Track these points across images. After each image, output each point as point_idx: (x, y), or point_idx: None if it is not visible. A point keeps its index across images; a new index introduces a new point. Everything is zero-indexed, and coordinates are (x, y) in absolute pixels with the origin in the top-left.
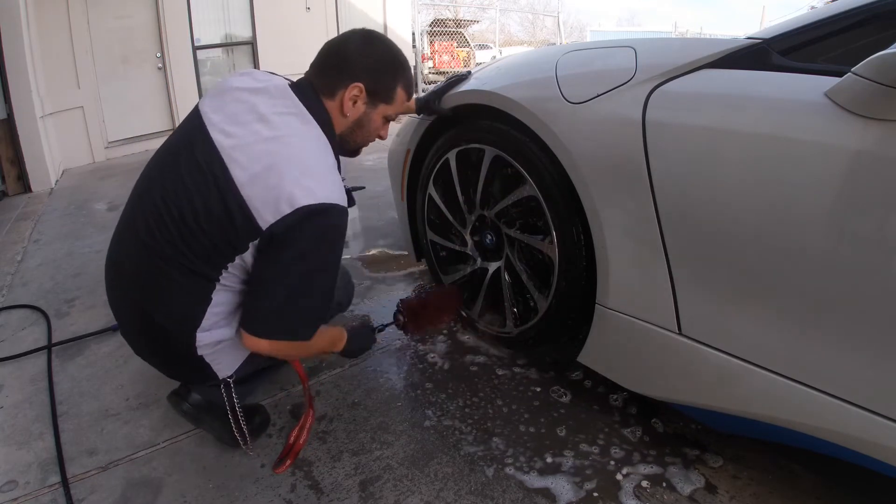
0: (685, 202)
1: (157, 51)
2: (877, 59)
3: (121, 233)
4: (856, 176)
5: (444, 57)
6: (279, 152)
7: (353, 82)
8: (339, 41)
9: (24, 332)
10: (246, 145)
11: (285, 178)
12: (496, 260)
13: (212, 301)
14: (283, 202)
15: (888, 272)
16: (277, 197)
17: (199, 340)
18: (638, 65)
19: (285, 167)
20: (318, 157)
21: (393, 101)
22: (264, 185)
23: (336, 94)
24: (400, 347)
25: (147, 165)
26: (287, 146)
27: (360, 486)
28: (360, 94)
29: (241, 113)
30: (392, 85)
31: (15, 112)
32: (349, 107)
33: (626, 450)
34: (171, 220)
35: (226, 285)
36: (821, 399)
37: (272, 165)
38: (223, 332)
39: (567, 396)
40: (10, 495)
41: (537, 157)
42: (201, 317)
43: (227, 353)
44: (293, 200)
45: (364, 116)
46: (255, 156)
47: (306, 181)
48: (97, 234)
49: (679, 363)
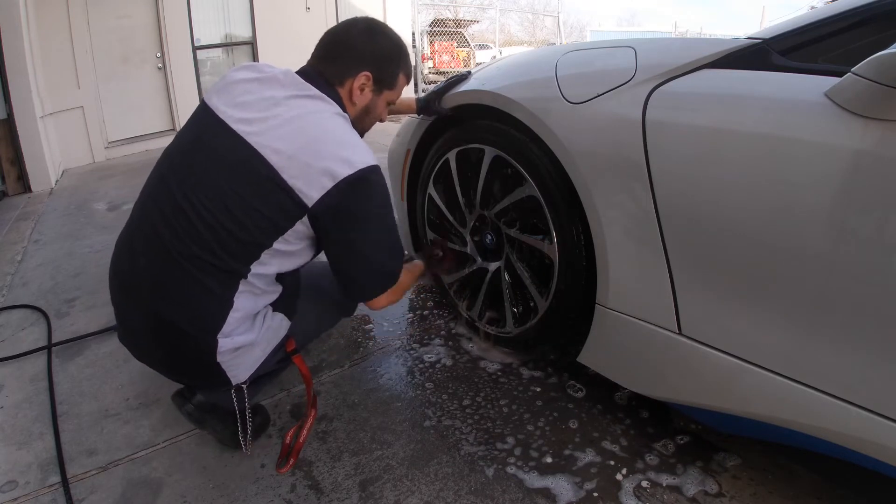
0: (685, 202)
1: (158, 51)
2: (877, 59)
3: (132, 240)
4: (856, 176)
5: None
6: (307, 130)
7: (360, 71)
8: (343, 30)
9: (24, 332)
10: (272, 129)
11: (321, 154)
12: (496, 260)
13: (234, 305)
14: (326, 177)
15: (888, 272)
16: (319, 172)
17: (221, 346)
18: (638, 65)
19: (318, 143)
20: (345, 128)
21: (395, 87)
22: (303, 164)
23: (345, 83)
24: (400, 347)
25: (155, 170)
26: (313, 123)
27: (360, 486)
28: (367, 82)
29: (255, 102)
30: (396, 72)
31: (15, 112)
32: (357, 94)
33: (627, 450)
34: (200, 219)
35: (250, 283)
36: (821, 399)
37: (305, 144)
38: (244, 338)
39: (567, 396)
40: (10, 495)
41: (537, 157)
42: (223, 321)
43: (243, 360)
44: (335, 174)
45: (370, 103)
46: (285, 137)
47: (342, 152)
48: (97, 234)
49: (679, 363)
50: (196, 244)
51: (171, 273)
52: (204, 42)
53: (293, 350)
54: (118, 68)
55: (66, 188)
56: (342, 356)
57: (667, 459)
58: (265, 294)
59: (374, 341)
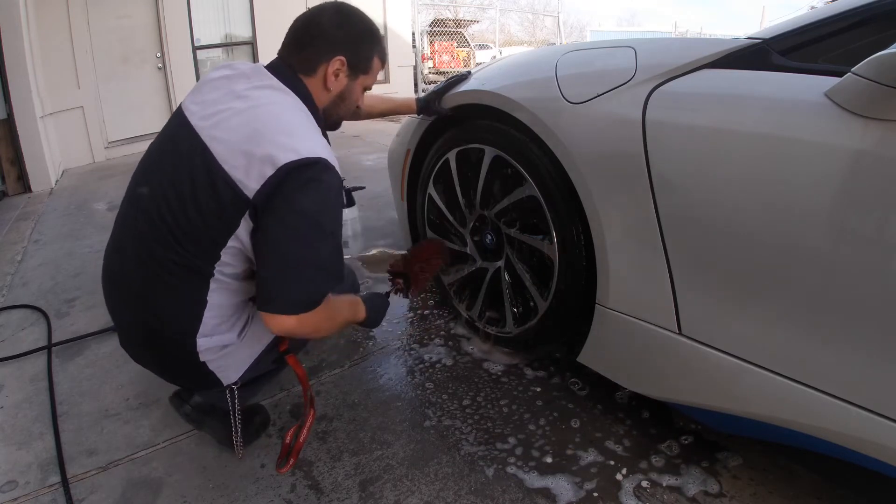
0: (685, 202)
1: (157, 51)
2: (877, 59)
3: (113, 243)
4: (856, 176)
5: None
6: (256, 119)
7: (334, 56)
8: (312, 16)
9: (24, 332)
10: (223, 121)
11: (265, 141)
12: (496, 260)
13: (207, 303)
14: (266, 165)
15: (888, 272)
16: (261, 161)
17: (200, 346)
18: (638, 65)
19: (264, 131)
20: (298, 118)
21: (370, 71)
22: (245, 154)
23: (317, 70)
24: (400, 347)
25: (134, 172)
26: (263, 113)
27: (360, 486)
28: (342, 67)
29: (219, 98)
30: (370, 55)
31: (15, 112)
32: (332, 80)
33: (627, 450)
34: (161, 218)
35: (221, 280)
36: (821, 399)
37: (250, 134)
38: (225, 337)
39: (567, 396)
40: (10, 495)
41: (537, 157)
42: (199, 321)
43: (231, 360)
44: (275, 161)
45: (346, 89)
46: (232, 128)
47: (287, 140)
48: (97, 234)
49: (679, 363)
50: (161, 245)
51: (146, 278)
52: (204, 42)
53: (286, 350)
54: (118, 68)
55: (66, 188)
56: (342, 356)
57: (667, 459)
58: (242, 290)
59: (374, 341)
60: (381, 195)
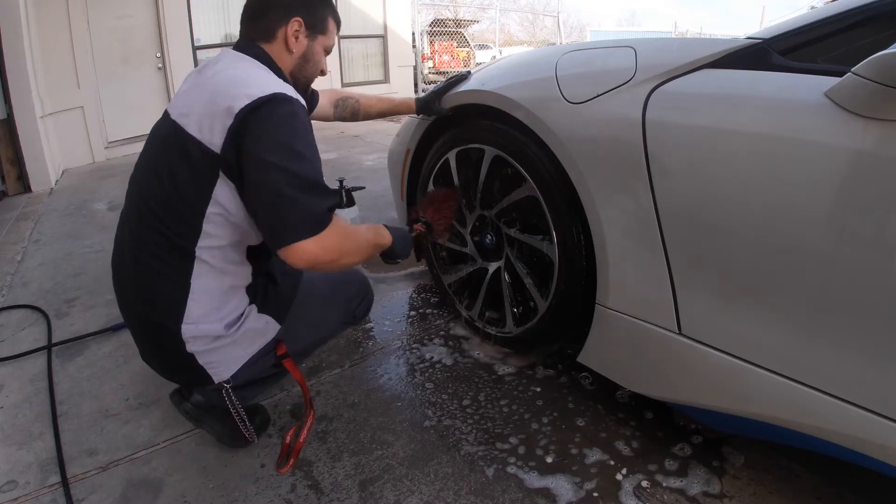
0: (685, 202)
1: (157, 51)
2: (877, 59)
3: (115, 240)
4: (856, 176)
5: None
6: (214, 85)
7: (290, 18)
8: None
9: (24, 332)
10: (190, 100)
11: (221, 98)
12: (496, 260)
13: (191, 287)
14: (227, 117)
15: (888, 272)
16: (221, 116)
17: (185, 333)
18: (638, 65)
19: (221, 91)
20: (254, 71)
21: (328, 32)
22: (209, 115)
23: (276, 35)
24: (400, 347)
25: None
26: (221, 78)
27: (360, 486)
28: (300, 28)
29: (189, 87)
30: (325, 15)
31: (15, 112)
32: (293, 42)
33: (627, 450)
34: (146, 203)
35: (205, 262)
36: (821, 399)
37: (210, 98)
38: (211, 327)
39: (567, 397)
40: (10, 495)
41: (537, 157)
42: (184, 307)
43: (221, 356)
44: (232, 110)
45: (307, 50)
46: (196, 101)
47: (241, 90)
48: (97, 234)
49: (679, 363)
50: (149, 229)
51: (136, 265)
52: (204, 42)
53: (283, 354)
54: (118, 68)
55: (66, 188)
56: (342, 356)
57: (667, 459)
58: (227, 272)
59: (374, 341)
60: (382, 195)
